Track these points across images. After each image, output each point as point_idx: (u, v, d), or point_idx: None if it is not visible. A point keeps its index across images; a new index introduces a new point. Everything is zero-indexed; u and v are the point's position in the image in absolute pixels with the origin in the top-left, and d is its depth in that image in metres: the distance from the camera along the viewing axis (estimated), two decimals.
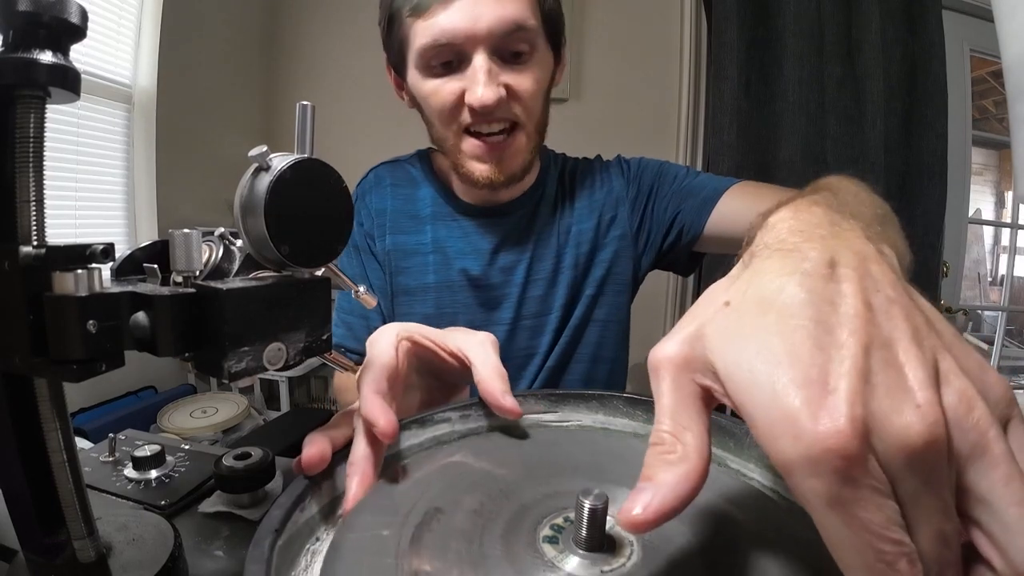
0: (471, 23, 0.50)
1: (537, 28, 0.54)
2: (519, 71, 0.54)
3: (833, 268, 0.18)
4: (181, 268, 0.25)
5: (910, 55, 1.57)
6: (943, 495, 0.15)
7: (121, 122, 1.39)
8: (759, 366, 0.16)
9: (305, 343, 0.28)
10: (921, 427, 0.15)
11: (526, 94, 0.54)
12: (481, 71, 0.51)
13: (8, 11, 0.21)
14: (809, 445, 0.14)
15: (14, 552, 0.30)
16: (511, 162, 0.57)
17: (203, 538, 0.40)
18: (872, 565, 0.14)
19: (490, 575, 0.21)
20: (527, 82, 0.54)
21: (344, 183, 0.30)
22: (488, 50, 0.52)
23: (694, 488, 0.17)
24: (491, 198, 0.65)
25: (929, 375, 0.16)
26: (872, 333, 0.16)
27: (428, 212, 0.66)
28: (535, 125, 0.57)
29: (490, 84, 0.51)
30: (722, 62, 1.59)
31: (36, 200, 0.23)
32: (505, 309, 0.65)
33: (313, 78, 1.88)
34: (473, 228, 0.66)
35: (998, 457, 0.15)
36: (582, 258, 0.66)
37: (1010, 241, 2.06)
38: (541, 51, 0.56)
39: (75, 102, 0.24)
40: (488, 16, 0.50)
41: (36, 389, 0.25)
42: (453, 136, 0.57)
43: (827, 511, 0.15)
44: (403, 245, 0.66)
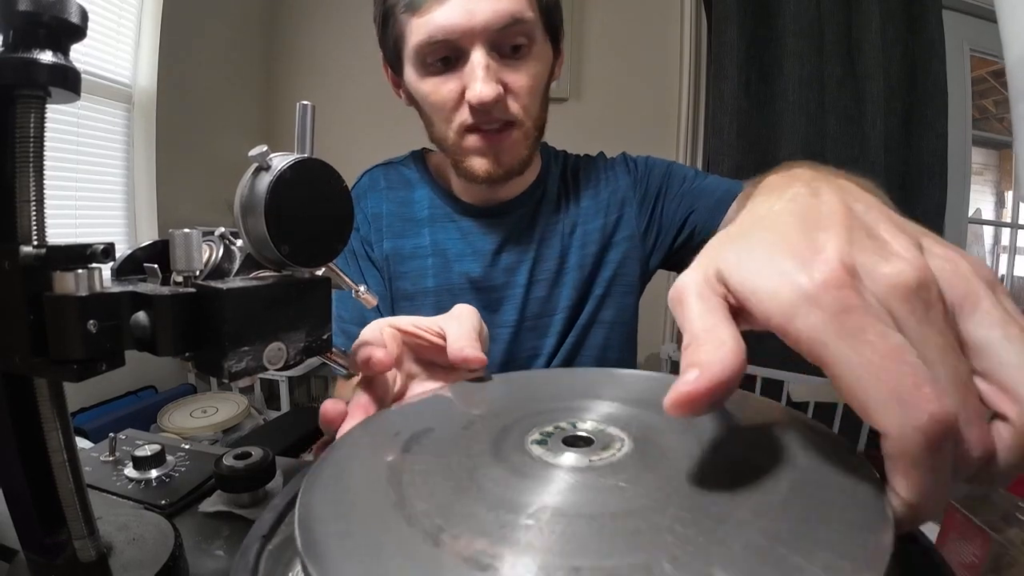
0: (467, 18, 0.49)
1: (535, 20, 0.53)
2: (517, 68, 0.53)
3: (817, 193, 0.21)
4: (181, 268, 0.25)
5: (910, 55, 1.58)
6: (947, 335, 0.16)
7: (121, 122, 1.39)
8: (759, 255, 0.18)
9: (305, 343, 0.28)
10: (909, 270, 0.16)
11: (523, 91, 0.54)
12: (480, 67, 0.50)
13: (8, 11, 0.21)
14: (807, 287, 0.16)
15: (14, 552, 0.30)
16: (508, 156, 0.56)
17: (203, 538, 0.40)
18: (896, 388, 0.14)
19: (479, 471, 0.21)
20: (525, 79, 0.53)
21: (344, 183, 0.30)
22: (486, 45, 0.51)
23: (740, 366, 0.17)
24: (491, 197, 0.64)
25: (912, 243, 0.17)
26: (854, 221, 0.18)
27: (425, 214, 0.65)
28: (533, 122, 0.56)
29: (489, 80, 0.50)
30: (722, 62, 1.59)
31: (36, 200, 0.23)
32: (508, 311, 0.64)
33: (313, 78, 1.87)
34: (473, 228, 0.65)
35: (990, 304, 0.16)
36: (589, 258, 0.65)
37: (1010, 241, 2.06)
38: (540, 44, 0.55)
39: (75, 102, 0.24)
40: (484, 10, 0.49)
41: (36, 389, 0.25)
42: (454, 135, 0.56)
43: (838, 342, 0.15)
44: (401, 249, 0.65)
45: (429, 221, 0.65)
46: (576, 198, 0.67)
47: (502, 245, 0.65)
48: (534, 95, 0.55)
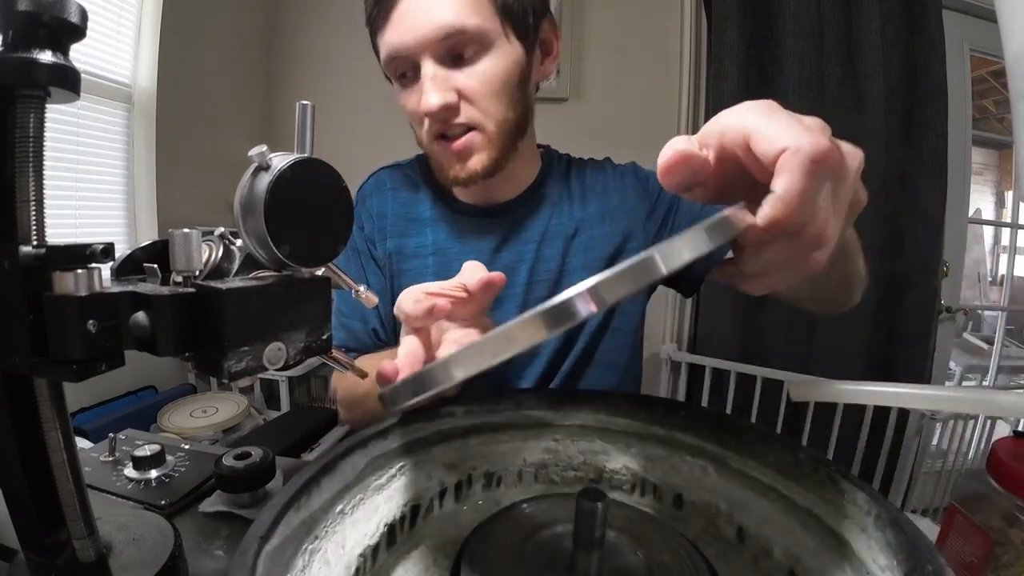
0: (411, 34, 0.52)
1: (483, 25, 0.53)
2: (469, 73, 0.54)
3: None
4: (181, 268, 0.25)
5: (910, 55, 1.57)
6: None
7: (121, 122, 1.39)
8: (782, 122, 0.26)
9: (305, 343, 0.28)
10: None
11: (478, 95, 0.55)
12: (426, 79, 0.53)
13: (8, 11, 0.21)
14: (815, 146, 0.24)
15: (14, 552, 0.30)
16: (471, 161, 0.57)
17: (203, 538, 0.40)
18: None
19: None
20: (477, 83, 0.54)
21: (344, 182, 0.30)
22: (433, 57, 0.53)
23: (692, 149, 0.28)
24: (487, 197, 0.65)
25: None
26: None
27: (428, 215, 0.67)
28: (497, 123, 0.57)
29: (435, 91, 0.52)
30: (722, 62, 1.59)
31: (36, 200, 0.23)
32: (507, 310, 0.64)
33: (313, 78, 1.87)
34: (471, 228, 0.66)
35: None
36: (596, 262, 0.65)
37: (1010, 241, 2.06)
38: (498, 47, 0.55)
39: (75, 102, 0.24)
40: (424, 25, 0.51)
41: (36, 389, 0.25)
42: (427, 142, 0.59)
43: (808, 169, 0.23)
44: (404, 248, 0.66)
45: (431, 221, 0.66)
46: (582, 201, 0.67)
47: (500, 245, 0.65)
48: (492, 97, 0.55)
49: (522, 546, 0.28)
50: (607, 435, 0.41)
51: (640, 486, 0.39)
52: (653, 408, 0.39)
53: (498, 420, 0.40)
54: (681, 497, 0.37)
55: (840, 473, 0.30)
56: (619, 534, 0.30)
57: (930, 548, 0.23)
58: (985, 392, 0.29)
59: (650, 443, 0.40)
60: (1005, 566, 0.39)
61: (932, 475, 1.50)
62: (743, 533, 0.34)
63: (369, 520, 0.30)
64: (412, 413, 0.36)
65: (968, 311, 1.87)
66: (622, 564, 0.28)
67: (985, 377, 2.19)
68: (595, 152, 0.77)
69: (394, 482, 0.34)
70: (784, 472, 0.33)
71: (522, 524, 0.30)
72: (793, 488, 0.32)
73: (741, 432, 0.35)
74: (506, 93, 0.56)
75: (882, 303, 1.62)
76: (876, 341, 1.63)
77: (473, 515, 0.37)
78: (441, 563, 0.32)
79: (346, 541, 0.28)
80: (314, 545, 0.27)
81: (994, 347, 2.08)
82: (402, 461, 0.35)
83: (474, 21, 0.52)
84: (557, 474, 0.40)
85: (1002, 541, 0.39)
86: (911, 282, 1.62)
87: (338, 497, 0.30)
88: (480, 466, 0.38)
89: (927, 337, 1.65)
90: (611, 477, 0.40)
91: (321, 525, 0.28)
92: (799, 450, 0.32)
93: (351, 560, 0.27)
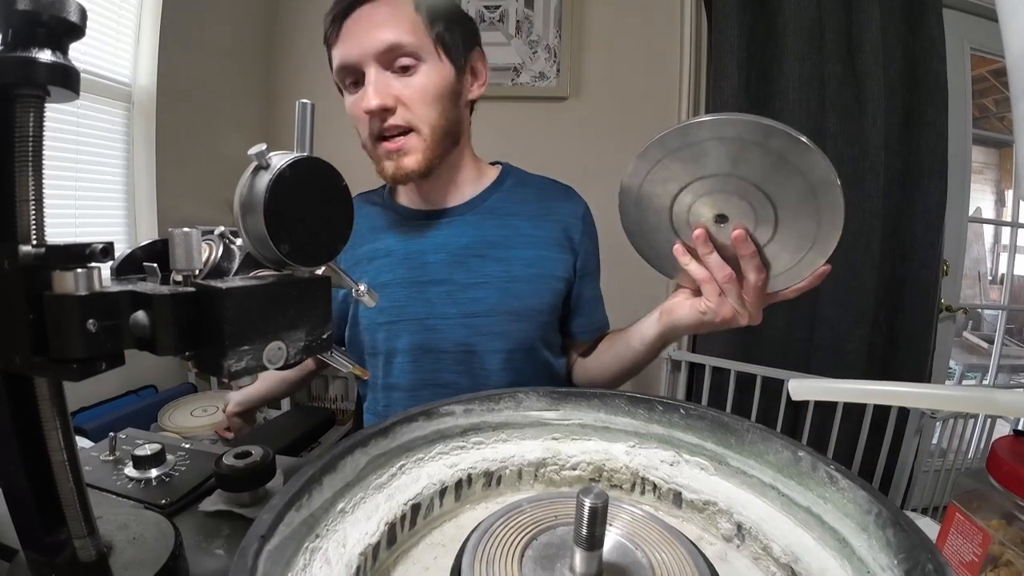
0: (359, 47, 0.62)
1: (418, 43, 0.63)
2: (407, 82, 0.63)
3: None
4: (181, 267, 0.25)
5: (910, 53, 1.57)
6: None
7: (121, 121, 1.39)
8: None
9: (305, 342, 0.28)
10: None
11: (414, 99, 0.63)
12: (369, 83, 0.62)
13: (7, 10, 0.21)
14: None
15: (15, 551, 0.30)
16: (406, 159, 0.65)
17: (204, 537, 0.40)
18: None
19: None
20: (413, 90, 0.63)
21: (344, 182, 0.30)
22: (377, 65, 0.62)
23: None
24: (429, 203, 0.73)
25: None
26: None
27: (383, 223, 0.75)
28: (432, 128, 0.65)
29: (375, 93, 0.61)
30: (722, 60, 1.59)
31: (35, 199, 0.23)
32: (444, 304, 0.70)
33: (313, 77, 1.87)
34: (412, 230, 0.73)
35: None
36: (519, 279, 0.70)
37: (1010, 240, 2.06)
38: (431, 63, 0.64)
39: (74, 101, 0.24)
40: (370, 40, 0.61)
41: (36, 388, 0.25)
42: (369, 143, 0.67)
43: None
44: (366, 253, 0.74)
45: (385, 228, 0.75)
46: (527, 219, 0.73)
47: (437, 247, 0.71)
48: (427, 104, 0.64)
49: (522, 545, 0.28)
50: (607, 434, 0.41)
51: (640, 485, 0.39)
52: (653, 407, 0.39)
53: (498, 419, 0.40)
54: (681, 496, 0.37)
55: (840, 472, 0.30)
56: (619, 534, 0.30)
57: (930, 547, 0.24)
58: (985, 391, 0.29)
59: (650, 442, 0.40)
60: (1005, 564, 0.39)
61: (932, 474, 1.51)
62: (743, 531, 0.34)
63: (370, 519, 0.30)
64: (414, 412, 0.36)
65: (968, 310, 1.87)
66: (622, 564, 0.28)
67: (985, 376, 2.19)
68: (594, 151, 0.78)
69: (395, 481, 0.34)
70: (784, 471, 0.33)
71: (522, 523, 0.30)
72: (793, 487, 0.32)
73: (741, 431, 0.35)
74: (438, 102, 0.65)
75: (882, 303, 1.62)
76: (876, 341, 1.63)
77: (473, 514, 0.37)
78: (441, 562, 0.32)
79: (347, 540, 0.28)
80: (315, 544, 0.27)
81: (994, 346, 2.08)
82: (402, 460, 0.35)
83: (409, 39, 0.62)
84: (557, 473, 0.40)
85: (1001, 540, 0.39)
86: (911, 281, 1.62)
87: (339, 496, 0.30)
88: (480, 465, 0.38)
89: (927, 336, 1.65)
90: (611, 476, 0.40)
91: (322, 524, 0.28)
92: (799, 449, 0.32)
93: (352, 559, 0.27)
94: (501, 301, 0.69)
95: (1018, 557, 0.38)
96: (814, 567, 0.29)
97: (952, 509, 0.43)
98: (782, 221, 0.42)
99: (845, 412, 1.42)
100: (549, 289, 0.71)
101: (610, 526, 0.29)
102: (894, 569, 0.25)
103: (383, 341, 0.71)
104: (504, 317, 0.69)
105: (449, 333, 0.69)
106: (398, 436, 0.35)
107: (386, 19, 0.62)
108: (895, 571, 0.25)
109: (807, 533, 0.31)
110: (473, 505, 0.38)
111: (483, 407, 0.39)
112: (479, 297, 0.69)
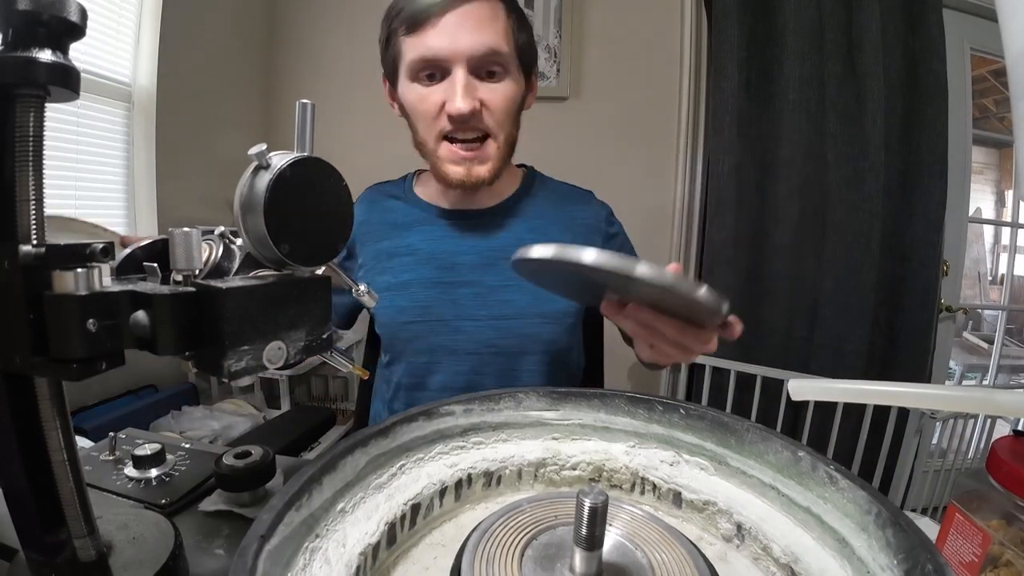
0: (453, 43, 0.59)
1: (509, 54, 0.62)
2: (493, 88, 0.62)
3: None
4: (181, 267, 0.25)
5: (910, 53, 1.57)
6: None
7: (121, 121, 1.39)
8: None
9: (305, 342, 0.28)
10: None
11: (498, 107, 0.62)
12: (459, 84, 0.60)
13: (8, 10, 0.21)
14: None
15: (15, 551, 0.30)
16: (481, 167, 0.64)
17: (204, 537, 0.40)
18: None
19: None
20: (499, 97, 0.62)
21: (344, 181, 0.30)
22: (467, 67, 0.60)
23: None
24: (467, 204, 0.72)
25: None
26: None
27: (410, 220, 0.73)
28: (505, 137, 0.65)
29: (466, 96, 0.59)
30: (722, 60, 1.59)
31: (36, 199, 0.23)
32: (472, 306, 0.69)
33: (313, 77, 1.87)
34: (449, 231, 0.71)
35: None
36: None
37: (1010, 240, 2.05)
38: (513, 74, 0.64)
39: (74, 101, 0.24)
40: (467, 40, 0.59)
41: (36, 388, 0.25)
42: (433, 141, 0.64)
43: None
44: (386, 249, 0.73)
45: (406, 226, 0.73)
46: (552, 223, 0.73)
47: (471, 248, 0.70)
48: (507, 113, 0.64)
49: (522, 545, 0.28)
50: (607, 434, 0.41)
51: (640, 485, 0.39)
52: (653, 407, 0.39)
53: (497, 419, 0.40)
54: (681, 496, 0.37)
55: (840, 472, 0.30)
56: (619, 534, 0.30)
57: (930, 547, 0.24)
58: (985, 391, 0.29)
59: (650, 442, 0.40)
60: (1004, 564, 0.39)
61: (932, 474, 1.50)
62: (743, 532, 0.34)
63: (370, 519, 0.30)
64: (414, 412, 0.36)
65: (968, 310, 1.87)
66: (622, 564, 0.28)
67: (985, 376, 2.19)
68: (595, 151, 0.78)
69: (394, 481, 0.34)
70: (784, 471, 0.33)
71: (522, 523, 0.30)
72: (793, 487, 0.32)
73: (741, 431, 0.35)
74: (514, 112, 0.65)
75: (882, 303, 1.62)
76: (876, 341, 1.63)
77: (473, 514, 0.37)
78: (441, 562, 0.32)
79: (347, 539, 0.28)
80: (315, 544, 0.27)
81: (994, 346, 2.08)
82: (402, 460, 0.35)
83: (505, 47, 0.61)
84: (557, 473, 0.40)
85: (1001, 540, 0.39)
86: (911, 281, 1.62)
87: (339, 496, 0.30)
88: (480, 465, 0.38)
89: (927, 336, 1.65)
90: (611, 476, 0.40)
91: (322, 524, 0.28)
92: (799, 449, 0.32)
93: (352, 558, 0.27)
94: (531, 304, 0.68)
95: (1018, 557, 0.38)
96: (814, 567, 0.29)
97: (952, 509, 0.43)
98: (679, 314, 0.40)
99: (845, 412, 1.42)
100: None
101: (610, 526, 0.29)
102: (894, 569, 0.25)
103: (404, 341, 0.70)
104: (534, 320, 0.69)
105: (477, 335, 0.68)
106: (398, 436, 0.35)
107: (487, 22, 0.60)
108: (895, 571, 0.25)
109: (807, 533, 0.31)
110: (473, 505, 0.38)
111: (483, 407, 0.39)
112: (509, 299, 0.68)
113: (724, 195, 1.61)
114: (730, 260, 1.60)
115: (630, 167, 1.72)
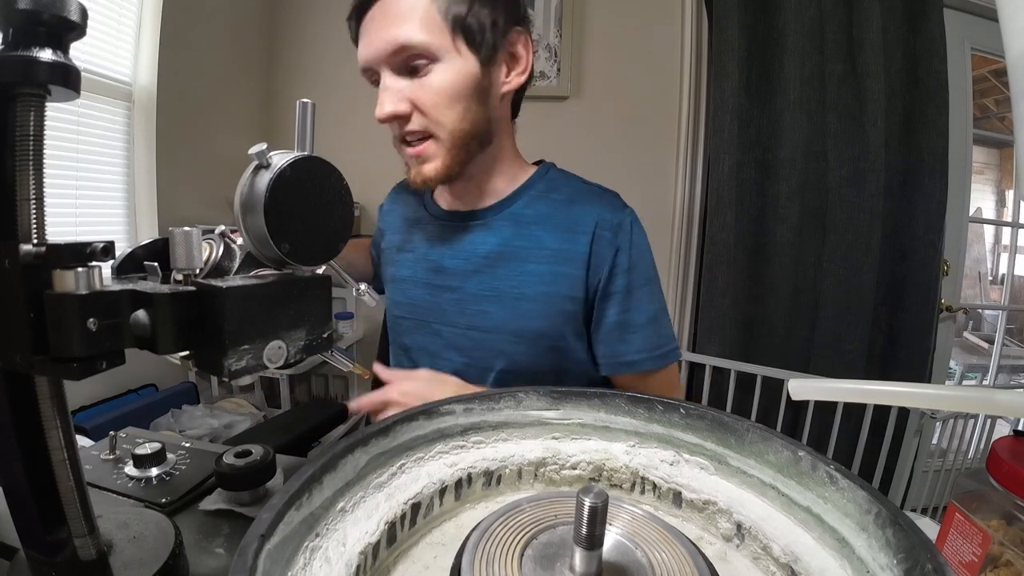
0: (369, 47, 0.57)
1: (433, 40, 0.56)
2: (420, 83, 0.57)
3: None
4: (181, 266, 0.25)
5: (911, 53, 1.57)
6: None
7: (121, 120, 1.39)
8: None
9: (306, 341, 0.28)
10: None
11: (428, 103, 0.58)
12: (383, 89, 0.58)
13: (8, 9, 0.21)
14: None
15: (15, 550, 0.30)
16: (426, 166, 0.61)
17: (204, 536, 0.40)
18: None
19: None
20: (428, 93, 0.57)
21: (345, 181, 0.30)
22: (390, 68, 0.57)
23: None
24: (455, 204, 0.70)
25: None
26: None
27: (416, 216, 0.74)
28: (450, 133, 0.59)
29: (387, 101, 0.57)
30: (723, 60, 1.59)
31: (36, 198, 0.23)
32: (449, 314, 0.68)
33: (313, 76, 1.87)
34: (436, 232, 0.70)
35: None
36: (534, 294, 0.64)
37: (1011, 240, 2.05)
38: (449, 59, 0.57)
39: (75, 100, 0.24)
40: (378, 41, 0.56)
41: (37, 387, 0.25)
42: (396, 144, 0.63)
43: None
44: (398, 243, 0.75)
45: (417, 223, 0.73)
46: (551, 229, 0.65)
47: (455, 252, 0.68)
48: (445, 107, 0.58)
49: (522, 545, 0.29)
50: (607, 433, 0.41)
51: (640, 485, 0.39)
52: (653, 406, 0.39)
53: (498, 418, 0.40)
54: (681, 495, 0.37)
55: (840, 471, 0.30)
56: (619, 533, 0.30)
57: (930, 546, 0.24)
58: (985, 391, 0.29)
59: (650, 441, 0.40)
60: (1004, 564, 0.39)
61: (932, 474, 1.50)
62: (743, 531, 0.34)
63: (370, 518, 0.30)
64: (414, 411, 0.36)
65: (968, 310, 1.87)
66: (622, 563, 0.28)
67: (985, 376, 2.19)
68: (595, 151, 0.78)
69: (395, 480, 0.34)
70: (784, 470, 0.33)
71: (522, 523, 0.30)
72: (793, 486, 0.32)
73: (741, 431, 0.35)
74: (458, 103, 0.58)
75: (882, 303, 1.62)
76: (876, 341, 1.63)
77: (473, 513, 0.37)
78: (441, 561, 0.32)
79: (347, 539, 0.28)
80: (315, 543, 0.27)
81: (994, 346, 2.08)
82: (402, 459, 0.35)
83: (420, 38, 0.55)
84: (557, 472, 0.40)
85: (1001, 540, 0.39)
86: (911, 281, 1.62)
87: (339, 495, 0.30)
88: (480, 464, 0.38)
89: (927, 336, 1.65)
90: (611, 476, 0.40)
91: (322, 523, 0.28)
92: (799, 448, 0.32)
93: (352, 558, 0.27)
94: (506, 320, 0.64)
95: (1018, 557, 0.38)
96: (814, 567, 0.29)
97: (952, 509, 0.43)
98: None
99: (845, 412, 1.42)
100: (558, 311, 0.64)
101: (610, 525, 0.29)
102: (894, 569, 0.25)
103: (397, 333, 0.74)
104: (506, 336, 0.64)
105: (454, 341, 0.67)
106: (398, 435, 0.35)
107: (396, 16, 0.55)
108: (895, 571, 0.25)
109: (807, 533, 0.31)
110: (473, 504, 0.38)
111: (483, 406, 0.39)
112: (486, 311, 0.65)
113: (724, 195, 1.61)
114: (730, 260, 1.60)
115: (630, 167, 1.72)
